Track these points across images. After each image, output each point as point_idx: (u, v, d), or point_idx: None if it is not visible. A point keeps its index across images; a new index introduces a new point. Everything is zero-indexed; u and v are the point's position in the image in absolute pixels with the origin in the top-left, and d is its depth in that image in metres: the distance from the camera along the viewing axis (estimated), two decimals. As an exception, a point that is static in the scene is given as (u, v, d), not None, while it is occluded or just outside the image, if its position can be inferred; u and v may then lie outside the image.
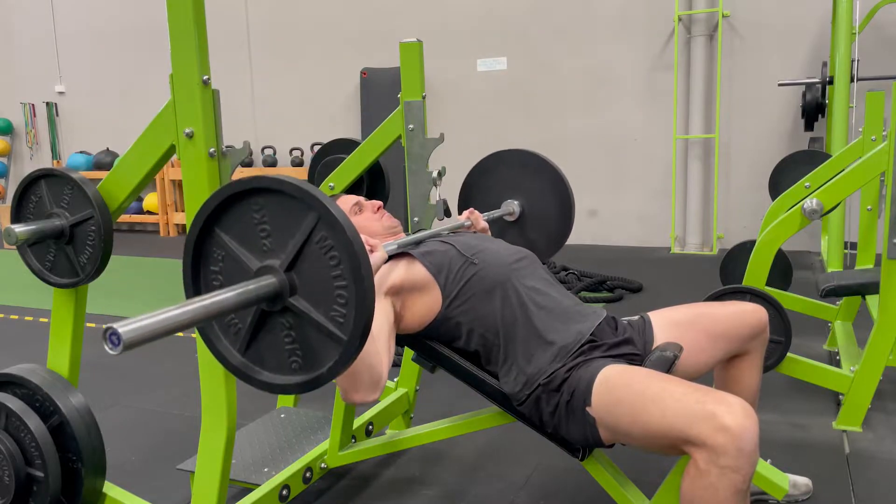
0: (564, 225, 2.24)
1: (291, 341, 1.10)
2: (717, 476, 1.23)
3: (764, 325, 1.72)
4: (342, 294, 1.04)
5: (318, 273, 1.05)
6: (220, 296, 1.01)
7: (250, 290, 1.04)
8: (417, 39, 2.21)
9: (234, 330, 1.14)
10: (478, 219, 2.01)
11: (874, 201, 3.18)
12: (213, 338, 1.15)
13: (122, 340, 0.86)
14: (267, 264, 1.08)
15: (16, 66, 8.88)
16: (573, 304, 1.67)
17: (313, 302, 1.06)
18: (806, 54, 5.76)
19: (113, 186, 1.58)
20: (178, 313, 0.93)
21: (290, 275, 1.07)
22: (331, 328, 1.05)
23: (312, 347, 1.08)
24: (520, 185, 2.25)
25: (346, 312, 1.04)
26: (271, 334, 1.12)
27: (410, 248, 1.69)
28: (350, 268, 1.02)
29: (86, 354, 1.76)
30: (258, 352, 1.13)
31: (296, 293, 1.07)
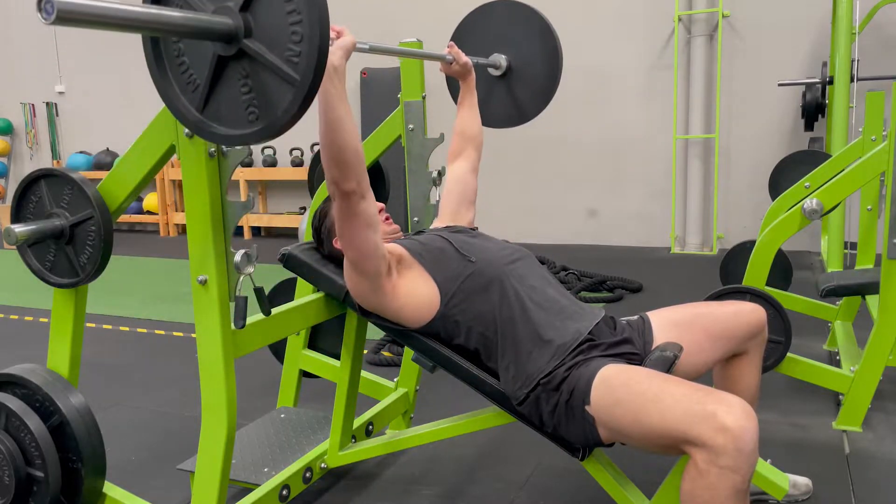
0: (551, 78, 2.21)
1: (248, 90, 1.10)
2: (717, 476, 1.23)
3: (762, 324, 1.73)
4: (296, 31, 1.04)
5: (273, 12, 1.06)
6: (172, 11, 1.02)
7: (202, 20, 1.05)
8: (417, 39, 2.21)
9: (193, 87, 1.15)
10: (459, 53, 2.03)
11: (874, 201, 3.17)
12: (172, 96, 1.17)
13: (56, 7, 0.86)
14: (223, 5, 1.09)
15: (16, 66, 8.88)
16: (570, 302, 1.67)
17: (268, 43, 1.07)
18: (806, 54, 5.76)
19: (113, 186, 1.58)
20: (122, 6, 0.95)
21: (245, 15, 1.07)
22: (285, 69, 1.05)
23: (268, 94, 1.09)
24: (507, 40, 2.23)
25: (300, 50, 1.04)
26: (228, 86, 1.12)
27: (407, 240, 1.70)
28: None
29: (86, 354, 1.76)
30: (216, 107, 1.14)
31: (251, 35, 1.08)
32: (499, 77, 2.27)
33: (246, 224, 7.68)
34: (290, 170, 7.47)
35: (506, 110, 2.32)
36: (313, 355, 2.44)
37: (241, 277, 1.50)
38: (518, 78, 2.24)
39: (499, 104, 2.31)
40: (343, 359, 1.96)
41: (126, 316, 4.37)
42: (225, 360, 1.50)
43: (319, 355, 2.44)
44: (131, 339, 3.92)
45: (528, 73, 2.23)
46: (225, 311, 1.49)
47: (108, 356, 3.55)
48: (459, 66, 2.04)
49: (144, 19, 0.99)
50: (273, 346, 2.64)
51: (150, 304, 4.71)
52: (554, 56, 2.20)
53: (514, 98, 2.21)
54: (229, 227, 1.48)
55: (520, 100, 2.20)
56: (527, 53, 2.23)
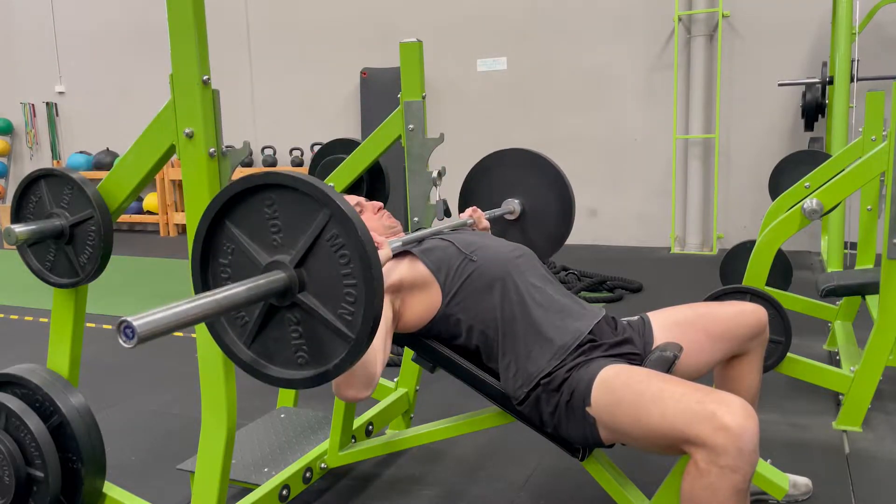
0: (565, 224, 2.25)
1: (298, 336, 1.10)
2: (717, 476, 1.23)
3: (763, 325, 1.72)
4: (351, 293, 1.04)
5: (328, 270, 1.06)
6: (230, 290, 1.01)
7: (260, 285, 1.04)
8: (417, 39, 2.21)
9: (241, 323, 1.14)
10: (480, 217, 2.02)
11: (874, 201, 3.18)
12: (221, 331, 1.16)
13: (137, 333, 0.87)
14: (277, 259, 1.08)
15: (16, 66, 8.88)
16: (571, 301, 1.67)
17: (322, 299, 1.07)
18: (806, 54, 5.76)
19: (113, 186, 1.58)
20: (190, 307, 0.94)
21: (300, 271, 1.07)
22: (339, 326, 1.06)
23: (319, 343, 1.09)
24: (520, 184, 2.26)
25: (354, 311, 1.05)
26: (278, 329, 1.12)
27: (412, 245, 1.69)
28: (361, 267, 1.03)
29: (86, 354, 1.76)
30: (264, 345, 1.14)
31: (305, 289, 1.08)
32: (513, 221, 2.28)
33: (246, 224, 7.67)
34: (291, 170, 7.45)
35: None
36: (313, 355, 2.43)
37: (241, 278, 1.49)
38: (532, 221, 2.27)
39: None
40: (343, 359, 1.96)
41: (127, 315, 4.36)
42: (225, 360, 1.50)
43: (319, 355, 2.44)
44: (131, 339, 3.91)
45: (542, 219, 2.26)
46: (225, 312, 1.49)
47: (108, 356, 3.55)
48: (479, 229, 2.02)
49: (216, 309, 0.99)
50: (273, 346, 2.64)
51: (150, 304, 4.65)
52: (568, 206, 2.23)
53: (528, 240, 2.23)
54: (229, 228, 1.48)
55: (533, 241, 2.22)
56: (540, 200, 2.25)
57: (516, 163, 2.26)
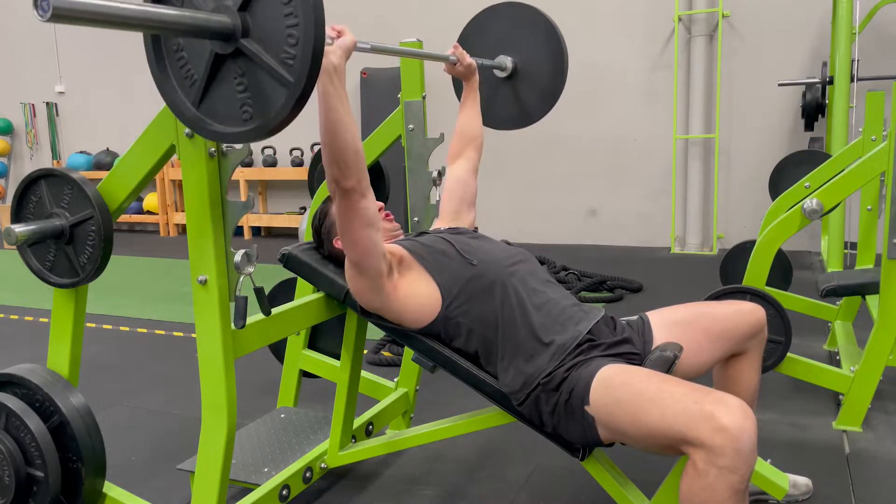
0: (557, 80, 2.21)
1: (244, 89, 1.12)
2: (716, 476, 1.23)
3: (762, 324, 1.73)
4: (292, 33, 1.05)
5: (271, 14, 1.07)
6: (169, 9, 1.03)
7: (200, 18, 1.06)
8: (417, 39, 2.21)
9: (190, 82, 1.17)
10: (463, 55, 2.03)
11: (874, 201, 3.17)
12: (170, 90, 1.19)
13: (52, 5, 0.86)
14: (222, 4, 1.10)
15: (16, 66, 8.88)
16: (571, 304, 1.67)
17: (264, 44, 1.08)
18: (806, 54, 5.76)
19: (113, 186, 1.58)
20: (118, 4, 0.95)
21: (244, 14, 1.09)
22: (280, 71, 1.07)
23: (263, 94, 1.10)
24: (513, 41, 2.23)
25: (295, 53, 1.05)
26: (224, 84, 1.14)
27: (408, 241, 1.70)
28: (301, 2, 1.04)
29: (86, 354, 1.76)
30: (212, 104, 1.16)
31: (248, 35, 1.09)
32: (504, 79, 2.27)
33: (246, 224, 7.68)
34: (291, 170, 7.47)
35: (511, 112, 2.32)
36: (313, 355, 2.44)
37: (241, 277, 1.50)
38: (524, 80, 2.24)
39: (504, 106, 2.31)
40: (343, 359, 1.96)
41: (126, 316, 4.37)
42: (225, 360, 1.50)
43: (319, 355, 2.44)
44: (131, 339, 3.92)
45: (534, 74, 2.23)
46: (225, 311, 1.49)
47: (108, 356, 3.55)
48: (463, 67, 2.04)
49: (142, 17, 1.00)
50: (273, 346, 2.64)
51: (150, 304, 4.71)
52: (560, 58, 2.20)
53: (519, 100, 2.21)
54: (229, 227, 1.48)
55: (525, 102, 2.20)
56: (533, 55, 2.22)
57: (510, 18, 2.22)
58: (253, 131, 1.13)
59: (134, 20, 0.98)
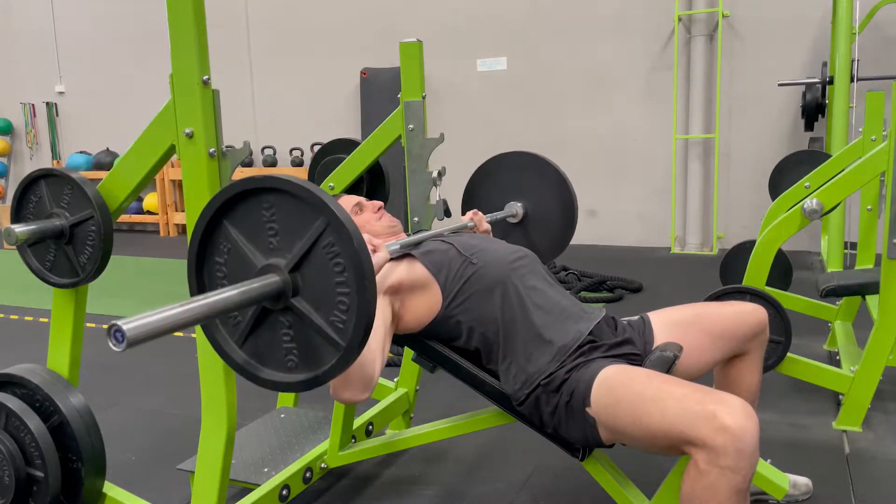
0: (567, 227, 2.24)
1: (289, 340, 1.10)
2: (717, 476, 1.23)
3: (763, 325, 1.72)
4: (343, 301, 1.05)
5: (322, 277, 1.06)
6: (223, 293, 1.01)
7: (254, 288, 1.04)
8: (417, 39, 2.21)
9: (234, 322, 1.14)
10: (481, 220, 2.02)
11: (874, 201, 3.18)
12: (213, 329, 1.16)
13: (126, 337, 0.87)
14: (272, 262, 1.08)
15: (16, 66, 8.88)
16: (571, 303, 1.67)
17: (315, 305, 1.07)
18: (806, 54, 5.76)
19: (113, 186, 1.58)
20: (181, 311, 0.94)
21: (294, 275, 1.07)
22: (330, 333, 1.06)
23: (310, 348, 1.09)
24: (523, 188, 2.26)
25: (346, 319, 1.05)
26: (270, 331, 1.12)
27: (411, 248, 1.69)
28: (354, 277, 1.03)
29: (86, 354, 1.76)
30: (255, 346, 1.14)
31: (298, 294, 1.08)
32: (515, 224, 2.28)
33: (246, 224, 7.67)
34: (290, 170, 7.46)
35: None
36: (313, 355, 2.43)
37: (241, 278, 1.49)
38: (534, 226, 2.26)
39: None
40: (343, 359, 1.96)
41: (126, 316, 4.36)
42: (225, 360, 1.50)
43: (319, 355, 2.44)
44: (131, 339, 3.91)
45: (545, 222, 2.25)
46: (225, 312, 1.49)
47: (108, 356, 3.54)
48: (480, 232, 2.02)
49: (209, 313, 0.98)
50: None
51: (150, 304, 4.67)
52: (570, 208, 2.22)
53: (530, 243, 2.22)
54: (229, 228, 1.47)
55: (535, 244, 2.22)
56: (543, 203, 2.25)
57: (519, 165, 2.27)
58: (302, 383, 1.11)
59: (202, 317, 0.97)
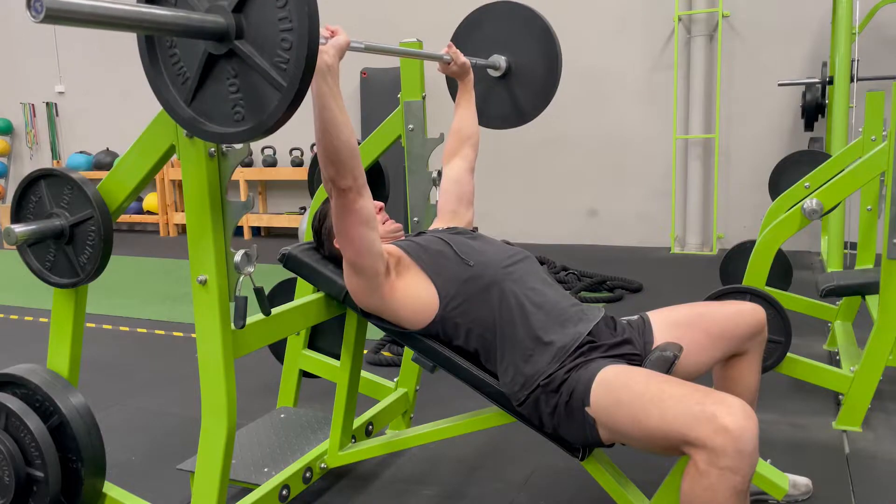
0: (550, 80, 2.22)
1: (236, 90, 1.12)
2: (717, 477, 1.23)
3: (762, 324, 1.73)
4: (286, 38, 1.06)
5: (265, 17, 1.07)
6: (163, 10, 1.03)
7: (194, 19, 1.06)
8: (417, 39, 2.21)
9: (182, 80, 1.17)
10: (457, 53, 2.04)
11: (874, 201, 3.17)
12: (161, 86, 1.19)
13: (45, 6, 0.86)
14: (216, 4, 1.10)
15: (16, 66, 8.88)
16: (570, 304, 1.67)
17: (258, 47, 1.08)
18: (806, 54, 5.76)
19: (113, 186, 1.58)
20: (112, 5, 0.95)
21: (238, 16, 1.09)
22: (273, 74, 1.07)
23: (256, 95, 1.10)
24: (507, 41, 2.24)
25: (288, 57, 1.06)
26: (217, 84, 1.14)
27: (406, 242, 1.70)
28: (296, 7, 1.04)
29: (86, 354, 1.76)
30: (203, 103, 1.16)
31: (242, 37, 1.09)
32: (498, 78, 2.27)
33: (246, 224, 7.68)
34: (290, 170, 7.46)
35: (505, 111, 2.32)
36: (313, 355, 2.44)
37: (241, 277, 1.50)
38: (518, 79, 2.25)
39: (498, 105, 2.32)
40: (343, 359, 1.96)
41: (126, 316, 4.37)
42: (225, 360, 1.50)
43: (319, 355, 2.44)
44: (131, 339, 3.92)
45: (528, 74, 2.23)
46: (225, 311, 1.49)
47: (108, 356, 3.55)
48: (457, 66, 2.05)
49: (135, 18, 1.00)
50: (273, 346, 2.64)
51: (150, 304, 4.71)
52: (553, 57, 2.21)
53: (513, 99, 2.22)
54: (229, 227, 1.48)
55: (519, 101, 2.21)
56: (526, 55, 2.23)
57: (504, 17, 2.23)
58: (246, 132, 1.13)
59: (127, 20, 0.98)
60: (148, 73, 1.21)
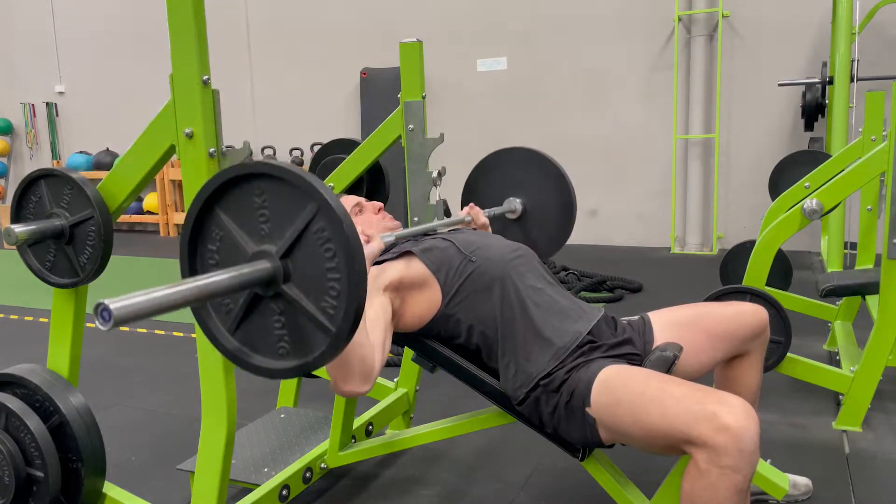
0: (566, 224, 2.24)
1: (281, 327, 1.11)
2: (718, 476, 1.23)
3: (764, 325, 1.72)
4: (334, 287, 1.05)
5: (313, 263, 1.06)
6: (213, 277, 1.01)
7: (244, 274, 1.05)
8: (417, 39, 2.21)
9: (226, 310, 1.15)
10: (478, 214, 2.02)
11: (874, 201, 3.18)
12: (205, 317, 1.16)
13: (113, 316, 0.86)
14: (263, 249, 1.09)
15: (16, 66, 8.87)
16: (570, 303, 1.67)
17: (305, 291, 1.07)
18: (806, 54, 5.76)
19: (113, 186, 1.58)
20: (170, 292, 0.94)
21: (285, 262, 1.08)
22: (321, 319, 1.06)
23: (301, 335, 1.09)
24: (522, 183, 2.25)
25: (336, 304, 1.05)
26: (261, 318, 1.13)
27: (410, 244, 1.69)
28: (345, 261, 1.03)
29: (86, 354, 1.76)
30: (247, 334, 1.15)
31: (289, 280, 1.08)
32: (514, 220, 2.28)
33: (246, 224, 7.67)
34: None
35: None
36: (313, 355, 2.43)
37: (241, 278, 1.49)
38: (532, 222, 2.26)
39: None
40: (343, 359, 1.96)
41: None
42: (225, 360, 1.50)
43: (319, 355, 2.44)
44: (131, 339, 3.92)
45: (543, 218, 2.24)
46: (225, 312, 1.48)
47: (108, 356, 3.55)
48: (477, 226, 2.02)
49: (197, 296, 0.99)
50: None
51: (150, 304, 4.70)
52: (569, 205, 2.21)
53: (528, 239, 2.22)
54: (229, 228, 1.47)
55: (534, 241, 2.21)
56: (541, 199, 2.24)
57: (518, 161, 2.26)
58: (293, 369, 1.11)
59: (190, 301, 0.98)
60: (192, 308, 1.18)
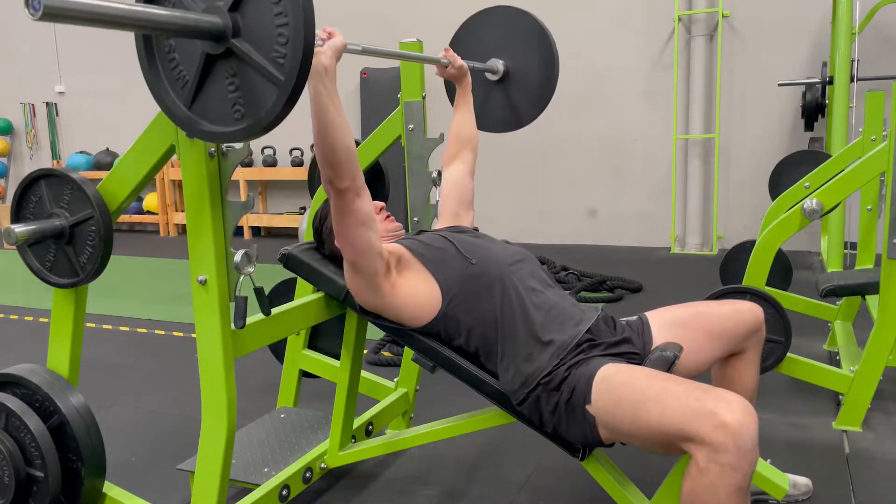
0: (548, 84, 2.22)
1: (235, 89, 1.14)
2: (718, 474, 1.23)
3: (760, 323, 1.73)
4: (283, 33, 1.07)
5: (261, 14, 1.08)
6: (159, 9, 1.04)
7: (190, 18, 1.07)
8: (417, 39, 2.21)
9: (182, 83, 1.18)
10: (454, 57, 2.04)
11: (874, 201, 3.17)
12: (162, 92, 1.20)
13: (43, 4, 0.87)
14: (212, 5, 1.11)
15: (16, 66, 8.88)
16: (570, 304, 1.67)
17: (255, 44, 1.10)
18: (806, 54, 5.76)
19: (113, 186, 1.58)
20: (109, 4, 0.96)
21: (234, 15, 1.10)
22: (271, 69, 1.08)
23: (254, 94, 1.12)
24: (505, 45, 2.24)
25: (285, 52, 1.07)
26: (216, 84, 1.15)
27: (409, 240, 1.70)
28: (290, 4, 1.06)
29: (86, 354, 1.76)
30: (204, 104, 1.17)
31: (239, 35, 1.11)
32: (496, 82, 2.27)
33: (246, 224, 7.68)
34: (290, 170, 7.47)
35: (502, 115, 2.33)
36: (313, 355, 2.44)
37: (241, 277, 1.50)
38: (515, 83, 2.25)
39: (495, 109, 2.32)
40: (343, 359, 1.97)
41: (126, 316, 4.37)
42: (225, 360, 1.50)
43: (319, 355, 2.44)
44: (131, 339, 3.92)
45: (525, 78, 2.24)
46: (225, 311, 1.49)
47: (108, 356, 3.55)
48: (455, 69, 2.05)
49: (132, 17, 1.01)
50: (273, 346, 2.64)
51: (150, 304, 4.71)
52: (551, 62, 2.21)
53: (510, 103, 2.22)
54: (229, 227, 1.48)
55: (516, 104, 2.21)
56: (524, 59, 2.23)
57: (502, 22, 2.24)
58: (244, 130, 1.14)
59: (124, 19, 1.00)
60: (147, 77, 1.22)
